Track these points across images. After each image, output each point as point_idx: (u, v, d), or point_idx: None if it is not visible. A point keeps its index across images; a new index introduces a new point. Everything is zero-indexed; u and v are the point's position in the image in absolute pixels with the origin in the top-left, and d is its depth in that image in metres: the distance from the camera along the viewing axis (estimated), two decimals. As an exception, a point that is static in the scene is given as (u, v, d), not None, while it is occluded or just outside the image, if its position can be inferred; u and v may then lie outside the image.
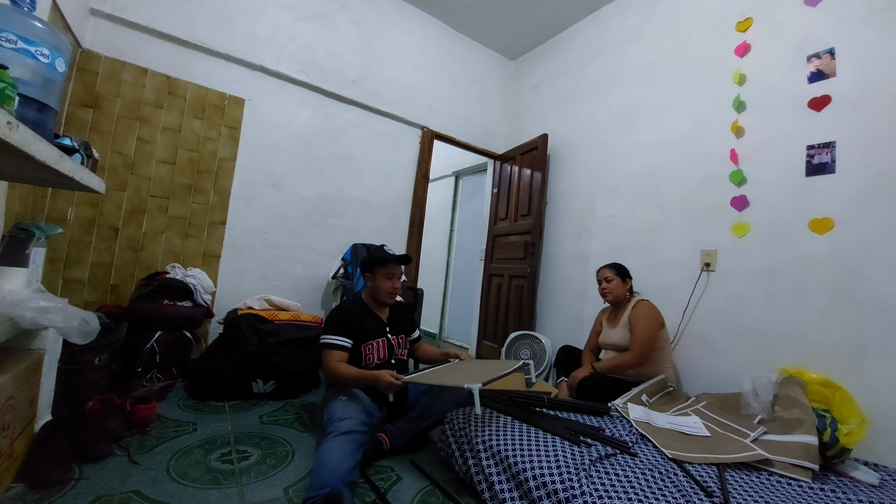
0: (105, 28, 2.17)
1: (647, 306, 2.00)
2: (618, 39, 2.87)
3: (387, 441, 1.54)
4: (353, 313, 1.77)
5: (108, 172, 2.16)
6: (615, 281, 2.07)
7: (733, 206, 2.06)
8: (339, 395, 1.57)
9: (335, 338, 1.66)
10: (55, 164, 0.84)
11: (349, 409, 1.48)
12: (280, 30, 2.68)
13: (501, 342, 3.02)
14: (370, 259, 1.82)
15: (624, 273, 2.10)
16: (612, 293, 2.07)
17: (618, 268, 2.11)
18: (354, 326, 1.70)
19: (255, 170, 2.62)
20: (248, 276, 2.60)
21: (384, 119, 3.15)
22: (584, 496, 1.01)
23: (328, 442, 1.32)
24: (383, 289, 1.78)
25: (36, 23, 0.86)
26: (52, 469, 1.16)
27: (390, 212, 3.20)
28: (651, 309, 1.99)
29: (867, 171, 1.65)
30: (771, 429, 1.42)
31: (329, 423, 1.43)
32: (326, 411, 1.53)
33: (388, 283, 1.77)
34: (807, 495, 1.12)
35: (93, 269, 2.14)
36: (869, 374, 1.56)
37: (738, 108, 2.10)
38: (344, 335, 1.67)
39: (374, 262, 1.78)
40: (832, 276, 1.70)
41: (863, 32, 1.72)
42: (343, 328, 1.68)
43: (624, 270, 2.11)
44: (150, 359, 1.88)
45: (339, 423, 1.39)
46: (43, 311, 1.08)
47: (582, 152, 2.99)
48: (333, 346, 1.65)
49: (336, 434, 1.34)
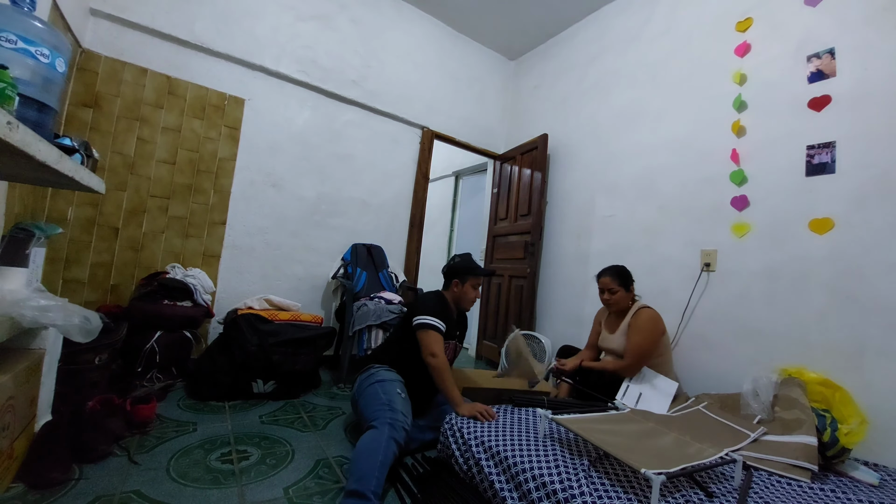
0: (105, 28, 2.17)
1: (648, 315, 1.88)
2: (618, 39, 2.87)
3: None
4: (447, 306, 1.79)
5: (108, 172, 2.16)
6: (619, 293, 1.93)
7: (733, 205, 2.06)
8: (398, 389, 1.55)
9: (437, 321, 1.64)
10: (55, 164, 0.84)
11: (407, 408, 1.49)
12: (280, 30, 2.68)
13: (501, 342, 3.02)
14: (463, 267, 1.83)
15: (627, 280, 1.96)
16: (615, 304, 1.96)
17: (620, 275, 1.96)
18: (447, 319, 1.71)
19: (255, 170, 2.62)
20: (248, 276, 2.60)
21: (384, 119, 3.15)
22: (583, 496, 1.01)
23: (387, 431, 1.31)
24: (470, 297, 1.83)
25: (36, 23, 0.86)
26: (52, 469, 1.16)
27: (390, 212, 3.20)
28: (652, 319, 1.87)
29: (867, 171, 1.65)
30: (771, 429, 1.42)
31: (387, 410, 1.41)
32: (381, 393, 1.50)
33: (474, 292, 1.83)
34: (807, 495, 1.12)
35: (93, 269, 2.14)
36: (869, 374, 1.55)
37: (739, 108, 2.10)
38: (442, 321, 1.66)
39: (468, 271, 1.82)
40: (832, 276, 1.70)
41: (863, 32, 1.72)
42: (442, 316, 1.68)
43: (626, 277, 1.97)
44: (150, 359, 1.88)
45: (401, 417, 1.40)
46: (43, 310, 1.08)
47: (582, 152, 2.99)
48: (435, 328, 1.62)
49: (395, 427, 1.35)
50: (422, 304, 1.72)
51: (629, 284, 1.98)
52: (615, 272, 1.98)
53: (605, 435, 1.18)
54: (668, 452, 1.14)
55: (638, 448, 1.13)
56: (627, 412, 1.49)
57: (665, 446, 1.19)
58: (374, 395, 1.50)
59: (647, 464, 0.99)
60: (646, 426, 1.34)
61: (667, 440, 1.24)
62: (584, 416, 1.38)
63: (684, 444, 1.21)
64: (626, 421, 1.38)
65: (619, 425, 1.32)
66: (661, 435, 1.27)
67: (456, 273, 1.83)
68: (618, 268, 2.01)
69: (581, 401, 1.76)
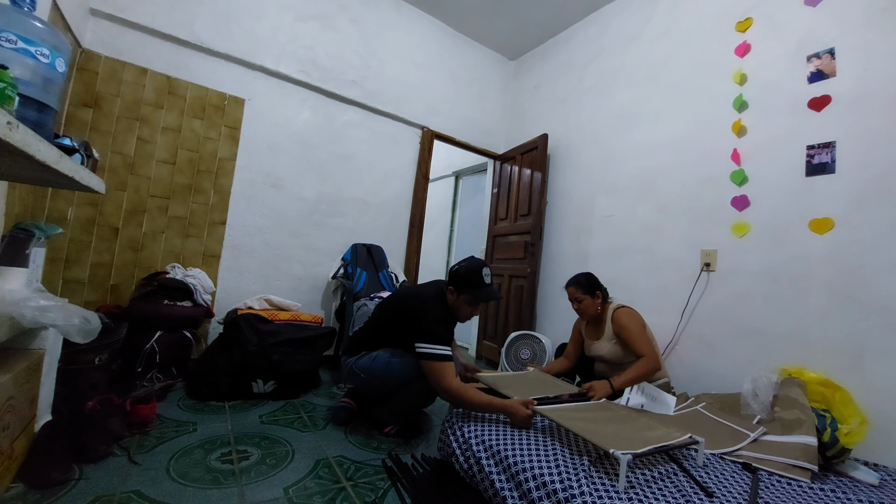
0: (105, 28, 2.17)
1: (627, 314, 1.91)
2: (618, 39, 2.87)
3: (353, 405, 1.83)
4: (450, 318, 1.68)
5: (108, 172, 2.16)
6: (585, 300, 1.96)
7: (734, 205, 2.06)
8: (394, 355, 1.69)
9: (445, 349, 1.50)
10: (55, 164, 0.84)
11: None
12: (280, 30, 2.68)
13: (501, 342, 3.02)
14: (467, 280, 1.63)
15: (591, 287, 1.97)
16: (585, 312, 1.99)
17: (584, 284, 1.97)
18: (451, 329, 1.66)
19: (255, 170, 2.62)
20: (248, 276, 2.60)
21: (384, 119, 3.15)
22: (583, 496, 1.01)
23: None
24: (463, 313, 1.69)
25: (36, 23, 0.86)
26: (52, 469, 1.16)
27: (390, 212, 3.20)
28: (632, 314, 1.91)
29: (867, 171, 1.65)
30: (770, 429, 1.42)
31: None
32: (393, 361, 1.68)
33: (469, 309, 1.68)
34: (806, 495, 1.12)
35: (93, 269, 2.14)
36: (869, 374, 1.56)
37: (740, 108, 2.10)
38: (448, 343, 1.55)
39: (465, 287, 1.64)
40: (832, 276, 1.70)
41: (863, 32, 1.72)
42: (448, 334, 1.58)
43: (590, 284, 1.98)
44: (150, 359, 1.88)
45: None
46: (43, 310, 1.08)
47: (582, 152, 2.99)
48: (446, 358, 1.49)
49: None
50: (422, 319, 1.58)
51: (594, 291, 1.97)
52: (576, 281, 2.00)
53: (579, 422, 1.26)
54: (635, 434, 1.22)
55: (607, 432, 1.22)
56: (602, 402, 1.54)
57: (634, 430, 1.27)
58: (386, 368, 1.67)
59: (615, 445, 1.08)
60: (618, 413, 1.41)
61: (637, 424, 1.31)
62: (562, 405, 1.42)
63: (651, 427, 1.29)
64: (600, 409, 1.44)
65: (594, 412, 1.38)
66: (631, 420, 1.35)
67: (453, 282, 1.68)
68: (580, 276, 2.02)
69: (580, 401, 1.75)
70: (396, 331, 1.70)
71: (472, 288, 1.63)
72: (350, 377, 1.81)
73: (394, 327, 1.71)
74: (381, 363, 1.70)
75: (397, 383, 1.70)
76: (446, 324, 1.64)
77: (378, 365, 1.70)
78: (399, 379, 1.69)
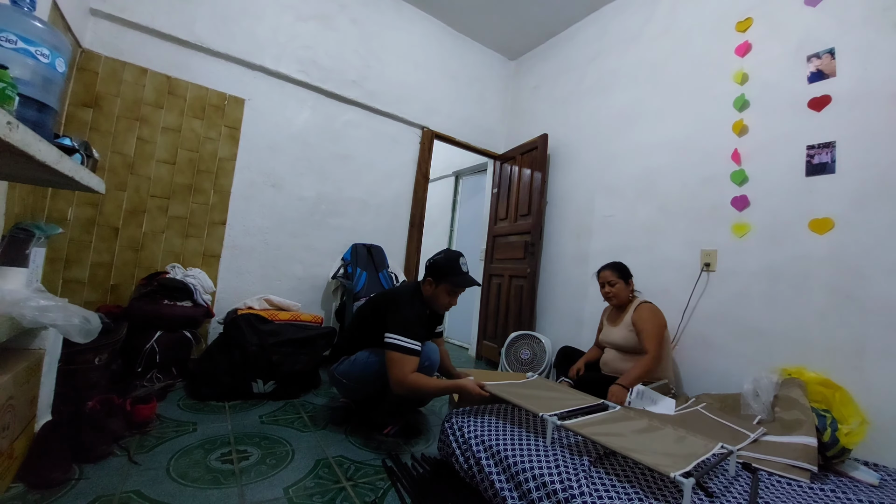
0: (105, 28, 2.17)
1: (650, 309, 1.98)
2: (618, 39, 2.87)
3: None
4: (424, 313, 1.67)
5: (108, 172, 2.16)
6: (619, 285, 2.04)
7: (734, 205, 2.06)
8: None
9: (412, 342, 1.50)
10: (55, 164, 0.84)
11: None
12: (280, 30, 2.68)
13: (501, 342, 3.02)
14: (446, 269, 1.65)
15: (626, 274, 2.08)
16: (616, 297, 2.05)
17: (619, 269, 2.08)
18: (424, 328, 1.63)
19: (255, 170, 2.62)
20: (248, 276, 2.60)
21: (384, 119, 3.15)
22: (583, 496, 1.00)
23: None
24: (442, 302, 1.69)
25: (36, 23, 0.86)
26: (52, 469, 1.16)
27: (390, 212, 3.20)
28: (656, 311, 1.98)
29: (867, 171, 1.65)
30: (771, 429, 1.42)
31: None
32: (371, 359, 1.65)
33: (448, 298, 1.68)
34: (807, 495, 1.12)
35: (93, 269, 2.14)
36: (869, 374, 1.56)
37: (741, 108, 2.10)
38: (419, 337, 1.54)
39: (444, 275, 1.65)
40: (832, 276, 1.70)
41: (863, 32, 1.72)
42: (420, 328, 1.57)
43: (625, 271, 2.09)
44: (150, 359, 1.88)
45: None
46: (43, 310, 1.08)
47: (582, 152, 2.99)
48: (411, 352, 1.50)
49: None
50: (393, 310, 1.59)
51: (628, 278, 2.08)
52: (615, 266, 2.11)
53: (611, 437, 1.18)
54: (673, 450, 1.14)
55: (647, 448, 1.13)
56: (619, 410, 1.48)
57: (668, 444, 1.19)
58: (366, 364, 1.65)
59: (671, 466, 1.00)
60: (641, 423, 1.34)
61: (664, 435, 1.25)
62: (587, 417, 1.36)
63: (680, 439, 1.22)
64: (622, 419, 1.37)
65: (618, 424, 1.32)
66: (654, 430, 1.28)
67: (430, 271, 1.68)
68: (617, 263, 2.13)
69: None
70: (373, 330, 1.67)
71: (452, 276, 1.65)
72: (336, 385, 1.82)
73: (371, 327, 1.69)
74: (360, 365, 1.69)
75: (381, 382, 1.64)
76: (419, 318, 1.62)
77: (357, 368, 1.69)
78: (380, 375, 1.62)
